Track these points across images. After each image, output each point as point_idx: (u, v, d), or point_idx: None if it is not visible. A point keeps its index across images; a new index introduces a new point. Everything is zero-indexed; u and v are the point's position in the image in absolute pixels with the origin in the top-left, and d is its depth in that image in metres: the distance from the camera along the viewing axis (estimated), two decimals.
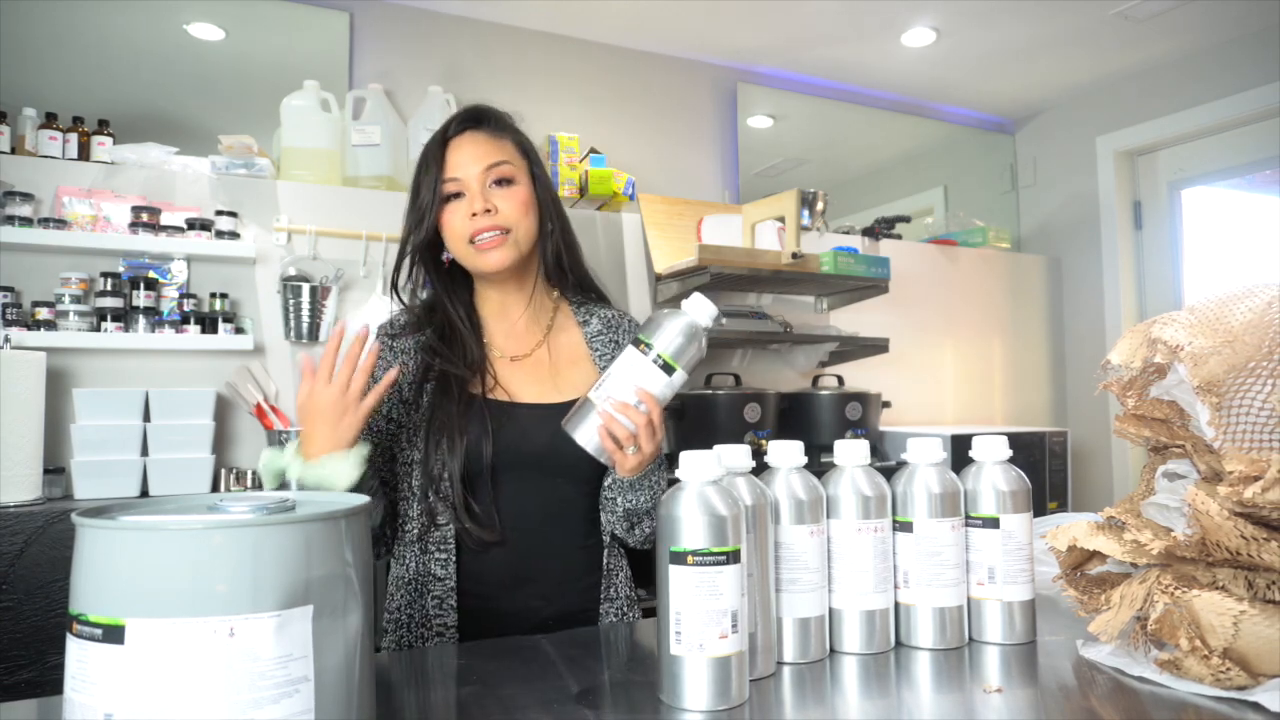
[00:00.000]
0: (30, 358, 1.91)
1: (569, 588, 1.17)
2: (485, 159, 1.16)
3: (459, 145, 1.17)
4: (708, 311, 0.98)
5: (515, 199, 1.16)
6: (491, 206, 1.14)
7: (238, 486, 2.20)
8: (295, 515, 0.56)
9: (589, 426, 0.99)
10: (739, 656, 0.74)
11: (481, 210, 1.14)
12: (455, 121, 1.19)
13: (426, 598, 1.13)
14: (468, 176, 1.15)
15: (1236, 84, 3.19)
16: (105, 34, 2.48)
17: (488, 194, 1.15)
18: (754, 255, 2.69)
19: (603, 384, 0.99)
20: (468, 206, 1.15)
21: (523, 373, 1.21)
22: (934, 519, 0.91)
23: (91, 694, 0.51)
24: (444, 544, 1.13)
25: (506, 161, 1.17)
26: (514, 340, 1.24)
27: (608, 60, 3.17)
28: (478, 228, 1.14)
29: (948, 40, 3.17)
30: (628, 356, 0.98)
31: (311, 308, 2.33)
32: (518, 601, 1.13)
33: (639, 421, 0.97)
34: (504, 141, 1.19)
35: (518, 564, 1.14)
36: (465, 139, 1.18)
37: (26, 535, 1.74)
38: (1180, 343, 0.81)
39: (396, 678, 0.90)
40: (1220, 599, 0.74)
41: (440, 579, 1.12)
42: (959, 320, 3.56)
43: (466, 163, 1.16)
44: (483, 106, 1.22)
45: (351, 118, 2.56)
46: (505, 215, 1.15)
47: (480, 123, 1.20)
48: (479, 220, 1.14)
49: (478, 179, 1.15)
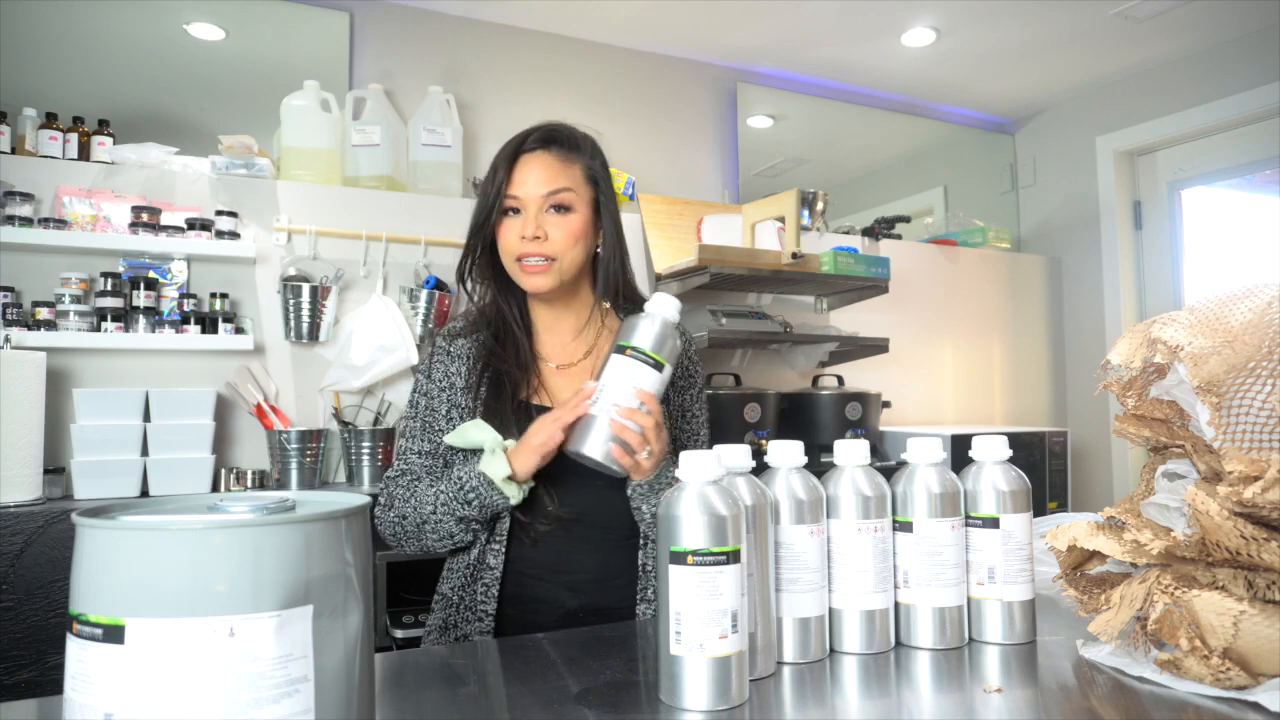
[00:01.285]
0: (30, 358, 1.91)
1: (604, 584, 1.21)
2: (548, 184, 1.18)
3: (527, 163, 1.19)
4: (674, 306, 1.05)
5: (567, 228, 1.18)
6: (542, 233, 1.17)
7: (238, 486, 2.20)
8: (295, 515, 0.56)
9: (597, 439, 1.01)
10: (739, 656, 0.74)
11: (532, 235, 1.16)
12: (531, 137, 1.21)
13: (477, 584, 1.18)
14: (527, 196, 1.18)
15: (1236, 84, 3.19)
16: (105, 34, 2.48)
17: (542, 219, 1.18)
18: (754, 255, 2.69)
19: (599, 397, 1.01)
20: (521, 226, 1.17)
21: (566, 381, 1.26)
22: (934, 519, 0.91)
23: (91, 694, 0.51)
24: (499, 536, 1.18)
25: (568, 189, 1.19)
26: (561, 350, 1.28)
27: (608, 60, 3.17)
28: (526, 250, 1.17)
29: (948, 40, 3.17)
30: (617, 364, 1.02)
31: (311, 308, 2.33)
32: (549, 591, 1.19)
33: (646, 423, 1.01)
34: (572, 167, 1.21)
35: (556, 559, 1.19)
36: (535, 157, 1.20)
37: (26, 535, 1.74)
38: (1180, 343, 0.81)
39: (397, 678, 0.90)
40: (1220, 599, 0.74)
41: (491, 567, 1.18)
42: (959, 320, 3.56)
43: (529, 182, 1.18)
44: (559, 127, 1.24)
45: (351, 118, 2.56)
46: (554, 244, 1.18)
47: (553, 144, 1.21)
48: (528, 244, 1.17)
49: (536, 201, 1.18)
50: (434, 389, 1.24)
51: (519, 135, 1.22)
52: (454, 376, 1.23)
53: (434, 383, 1.24)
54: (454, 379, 1.23)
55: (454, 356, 1.24)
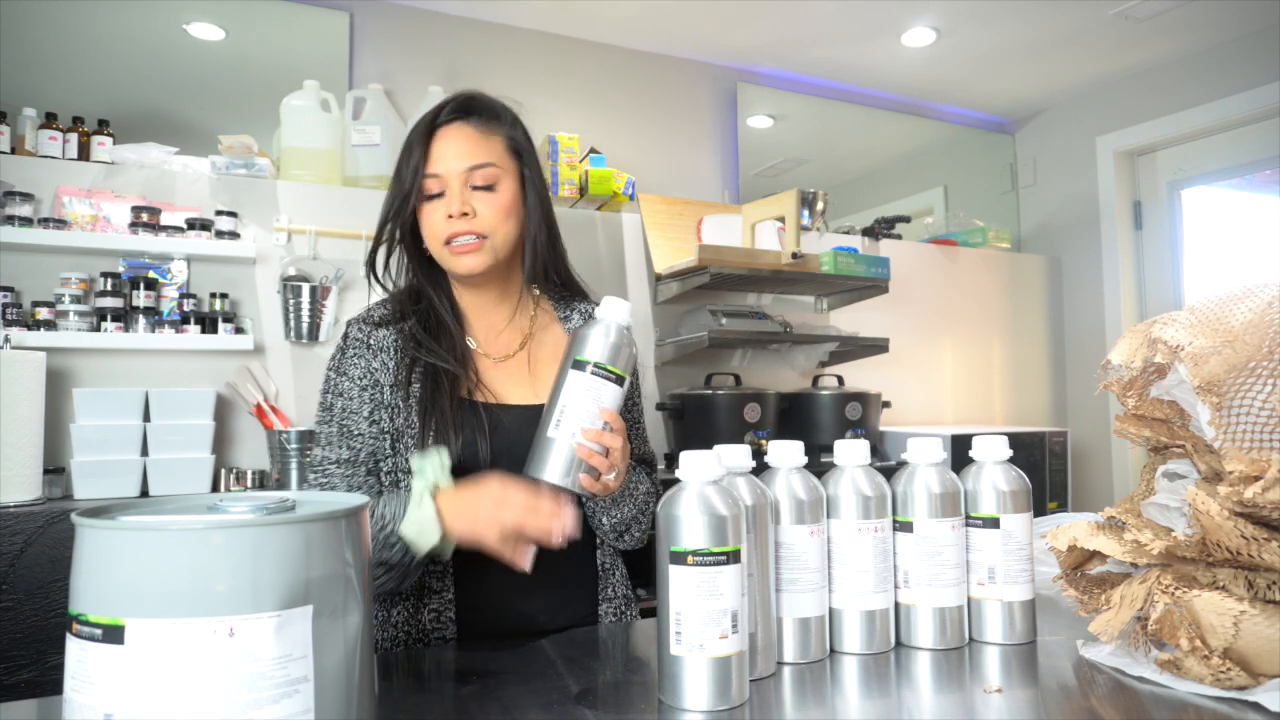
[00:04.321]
0: (30, 358, 1.91)
1: (570, 594, 1.14)
2: (469, 158, 1.10)
3: (445, 136, 1.11)
4: (626, 309, 0.97)
5: (495, 204, 1.10)
6: (470, 209, 1.09)
7: (238, 486, 2.20)
8: (295, 515, 0.56)
9: (560, 464, 0.93)
10: (739, 656, 0.74)
11: (459, 213, 1.08)
12: (445, 108, 1.13)
13: (424, 612, 1.08)
14: (448, 173, 1.09)
15: (1236, 84, 3.19)
16: (105, 34, 2.48)
17: (467, 196, 1.09)
18: (754, 255, 2.69)
19: (560, 419, 0.93)
20: (446, 206, 1.09)
21: (504, 373, 1.16)
22: (934, 519, 0.91)
23: (91, 694, 0.51)
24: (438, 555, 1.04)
25: (491, 164, 1.11)
26: (495, 340, 1.19)
27: (608, 60, 3.17)
28: (454, 230, 1.09)
29: (948, 40, 3.17)
30: (576, 382, 0.94)
31: (311, 308, 2.33)
32: (518, 615, 1.09)
33: (614, 444, 0.94)
34: (494, 139, 1.13)
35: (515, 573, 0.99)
36: (453, 130, 1.12)
37: (26, 535, 1.74)
38: (1180, 343, 0.81)
39: (396, 678, 0.90)
40: (1220, 599, 0.74)
41: (436, 592, 1.08)
42: (959, 320, 3.56)
43: (450, 157, 1.10)
44: (476, 96, 1.16)
45: (351, 118, 2.56)
46: (483, 220, 1.09)
47: (470, 114, 1.13)
48: (455, 223, 1.09)
49: (459, 178, 1.09)
50: (352, 387, 1.10)
51: (433, 109, 1.13)
52: (377, 372, 1.10)
53: (352, 380, 1.10)
54: (377, 374, 1.10)
55: (375, 350, 1.12)
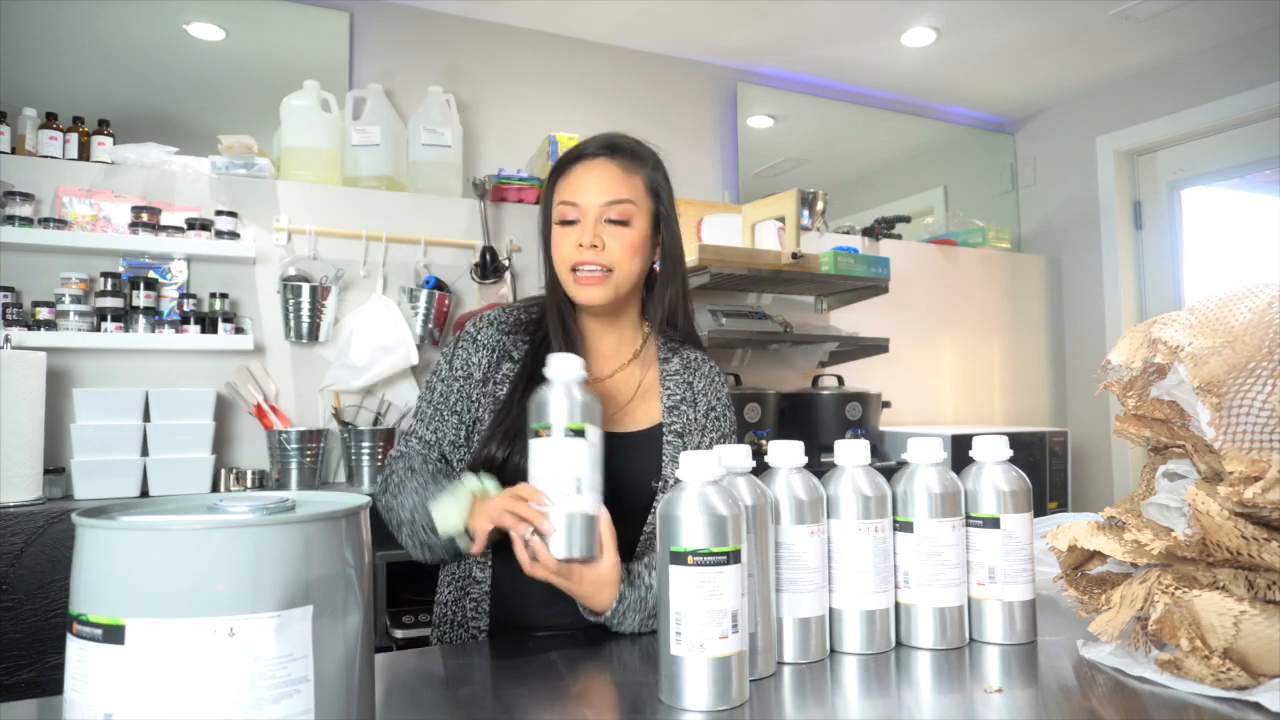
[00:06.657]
0: (30, 358, 1.91)
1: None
2: (608, 193, 1.14)
3: (588, 169, 1.16)
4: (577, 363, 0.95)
5: (626, 239, 1.14)
6: (599, 242, 1.13)
7: (238, 486, 2.20)
8: (295, 515, 0.56)
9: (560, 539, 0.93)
10: (739, 656, 0.74)
11: (588, 244, 1.12)
12: (593, 144, 1.18)
13: (465, 599, 1.14)
14: (586, 204, 1.14)
15: (1236, 84, 3.19)
16: (105, 34, 2.47)
17: (600, 229, 1.13)
18: (754, 255, 2.69)
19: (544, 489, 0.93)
20: (578, 234, 1.13)
21: None
22: (934, 519, 0.91)
23: (91, 694, 0.51)
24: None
25: (629, 201, 1.15)
26: (595, 365, 1.22)
27: (608, 60, 3.17)
28: (582, 259, 1.13)
29: (948, 40, 3.17)
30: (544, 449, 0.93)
31: (311, 308, 2.33)
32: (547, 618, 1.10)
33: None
34: (634, 178, 1.17)
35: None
36: (597, 165, 1.16)
37: (26, 535, 1.74)
38: (1180, 343, 0.81)
39: (397, 678, 0.90)
40: (1221, 599, 0.74)
41: (479, 581, 1.14)
42: (959, 320, 3.56)
43: (589, 190, 1.14)
44: (623, 138, 1.20)
45: (351, 118, 2.56)
46: (611, 254, 1.13)
47: (616, 152, 1.18)
48: (584, 252, 1.13)
49: (595, 210, 1.13)
50: (451, 375, 1.19)
51: (581, 143, 1.19)
52: (472, 366, 1.18)
53: (452, 369, 1.19)
54: (472, 369, 1.17)
55: (479, 345, 1.19)
